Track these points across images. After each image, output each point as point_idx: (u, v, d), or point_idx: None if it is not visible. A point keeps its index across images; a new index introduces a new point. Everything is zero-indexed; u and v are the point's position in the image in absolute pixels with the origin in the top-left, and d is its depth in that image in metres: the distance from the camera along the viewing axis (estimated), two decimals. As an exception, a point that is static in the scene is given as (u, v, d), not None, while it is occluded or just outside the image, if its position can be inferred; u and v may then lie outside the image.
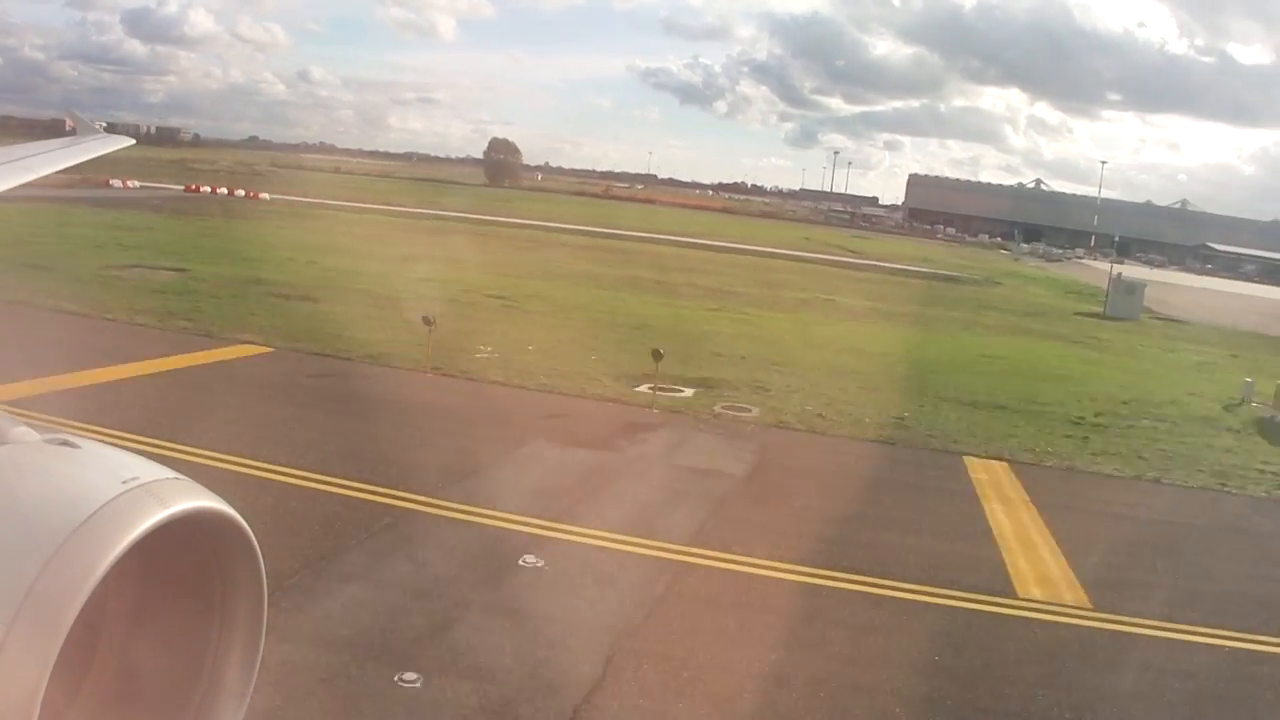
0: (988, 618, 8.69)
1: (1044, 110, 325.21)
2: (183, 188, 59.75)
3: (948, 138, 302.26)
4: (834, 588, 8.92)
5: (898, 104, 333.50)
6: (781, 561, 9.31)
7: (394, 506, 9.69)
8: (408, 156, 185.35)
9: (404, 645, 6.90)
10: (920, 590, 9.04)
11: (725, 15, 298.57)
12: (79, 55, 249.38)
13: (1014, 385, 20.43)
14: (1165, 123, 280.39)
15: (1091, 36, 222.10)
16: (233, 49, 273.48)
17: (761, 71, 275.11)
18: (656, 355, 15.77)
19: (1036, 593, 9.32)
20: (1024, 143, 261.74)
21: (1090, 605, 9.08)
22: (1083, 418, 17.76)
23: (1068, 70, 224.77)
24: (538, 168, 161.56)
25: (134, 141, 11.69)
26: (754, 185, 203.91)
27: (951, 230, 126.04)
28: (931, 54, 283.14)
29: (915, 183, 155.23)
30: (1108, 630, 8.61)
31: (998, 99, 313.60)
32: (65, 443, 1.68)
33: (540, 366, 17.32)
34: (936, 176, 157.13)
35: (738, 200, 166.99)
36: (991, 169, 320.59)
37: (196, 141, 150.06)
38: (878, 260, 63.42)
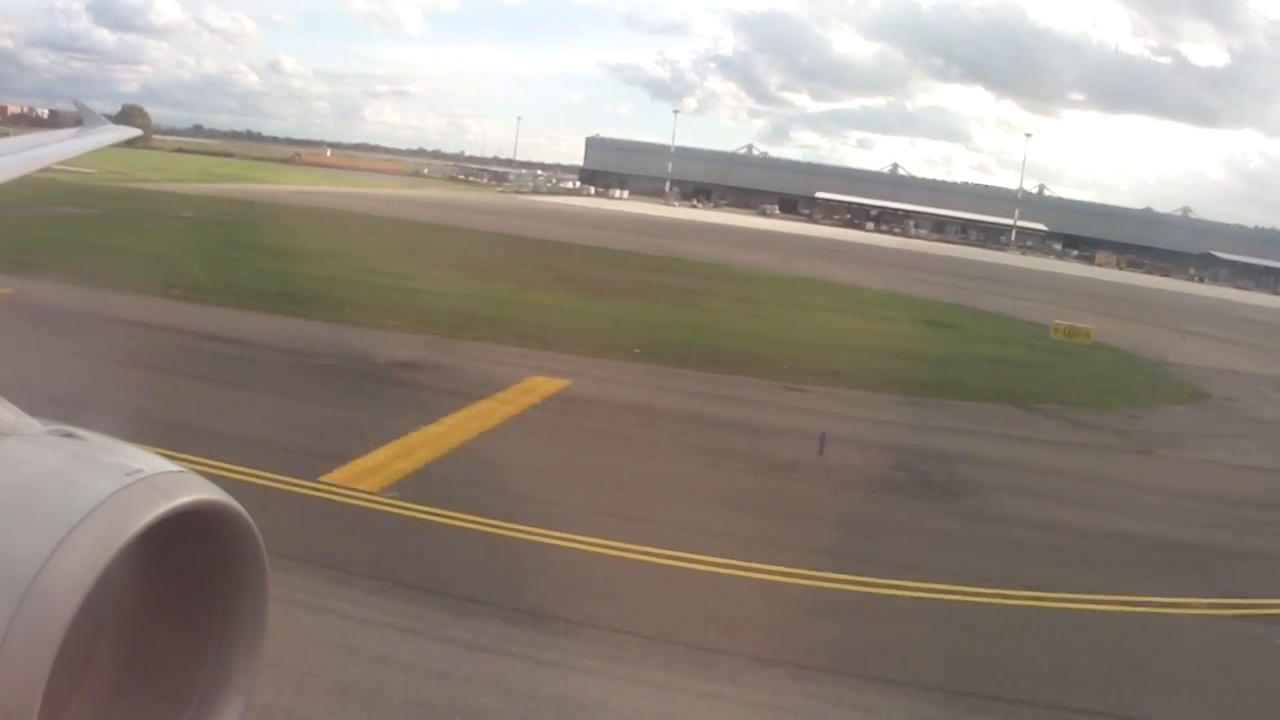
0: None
1: (1010, 109, 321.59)
2: None
3: (918, 136, 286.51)
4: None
5: (865, 101, 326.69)
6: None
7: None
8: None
9: None
10: None
11: (686, 10, 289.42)
12: (47, 43, 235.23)
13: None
14: (1130, 123, 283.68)
15: (1046, 35, 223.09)
16: (201, 38, 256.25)
17: (728, 67, 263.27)
18: None
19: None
20: (993, 142, 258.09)
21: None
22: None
23: (1028, 69, 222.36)
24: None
25: (141, 133, 9.79)
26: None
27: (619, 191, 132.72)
28: (894, 50, 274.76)
29: (592, 145, 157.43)
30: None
31: (963, 98, 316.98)
32: (69, 434, 1.63)
33: None
34: (611, 139, 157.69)
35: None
36: (965, 169, 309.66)
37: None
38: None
